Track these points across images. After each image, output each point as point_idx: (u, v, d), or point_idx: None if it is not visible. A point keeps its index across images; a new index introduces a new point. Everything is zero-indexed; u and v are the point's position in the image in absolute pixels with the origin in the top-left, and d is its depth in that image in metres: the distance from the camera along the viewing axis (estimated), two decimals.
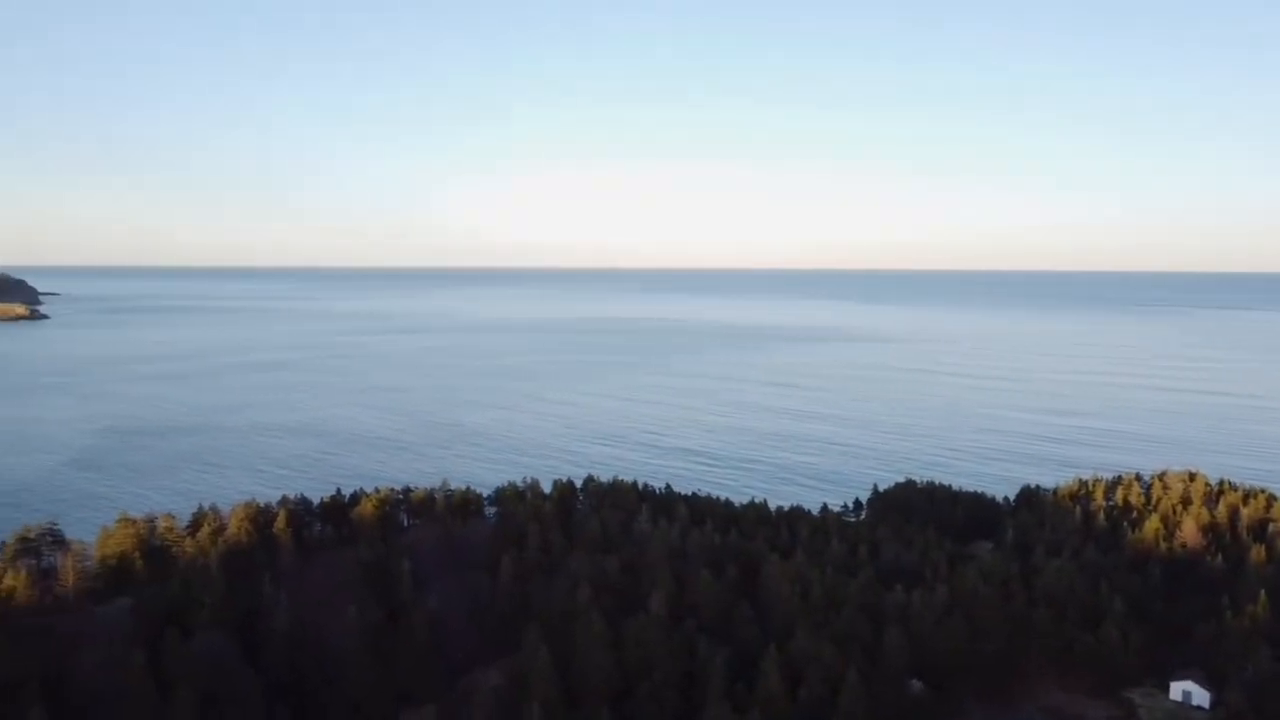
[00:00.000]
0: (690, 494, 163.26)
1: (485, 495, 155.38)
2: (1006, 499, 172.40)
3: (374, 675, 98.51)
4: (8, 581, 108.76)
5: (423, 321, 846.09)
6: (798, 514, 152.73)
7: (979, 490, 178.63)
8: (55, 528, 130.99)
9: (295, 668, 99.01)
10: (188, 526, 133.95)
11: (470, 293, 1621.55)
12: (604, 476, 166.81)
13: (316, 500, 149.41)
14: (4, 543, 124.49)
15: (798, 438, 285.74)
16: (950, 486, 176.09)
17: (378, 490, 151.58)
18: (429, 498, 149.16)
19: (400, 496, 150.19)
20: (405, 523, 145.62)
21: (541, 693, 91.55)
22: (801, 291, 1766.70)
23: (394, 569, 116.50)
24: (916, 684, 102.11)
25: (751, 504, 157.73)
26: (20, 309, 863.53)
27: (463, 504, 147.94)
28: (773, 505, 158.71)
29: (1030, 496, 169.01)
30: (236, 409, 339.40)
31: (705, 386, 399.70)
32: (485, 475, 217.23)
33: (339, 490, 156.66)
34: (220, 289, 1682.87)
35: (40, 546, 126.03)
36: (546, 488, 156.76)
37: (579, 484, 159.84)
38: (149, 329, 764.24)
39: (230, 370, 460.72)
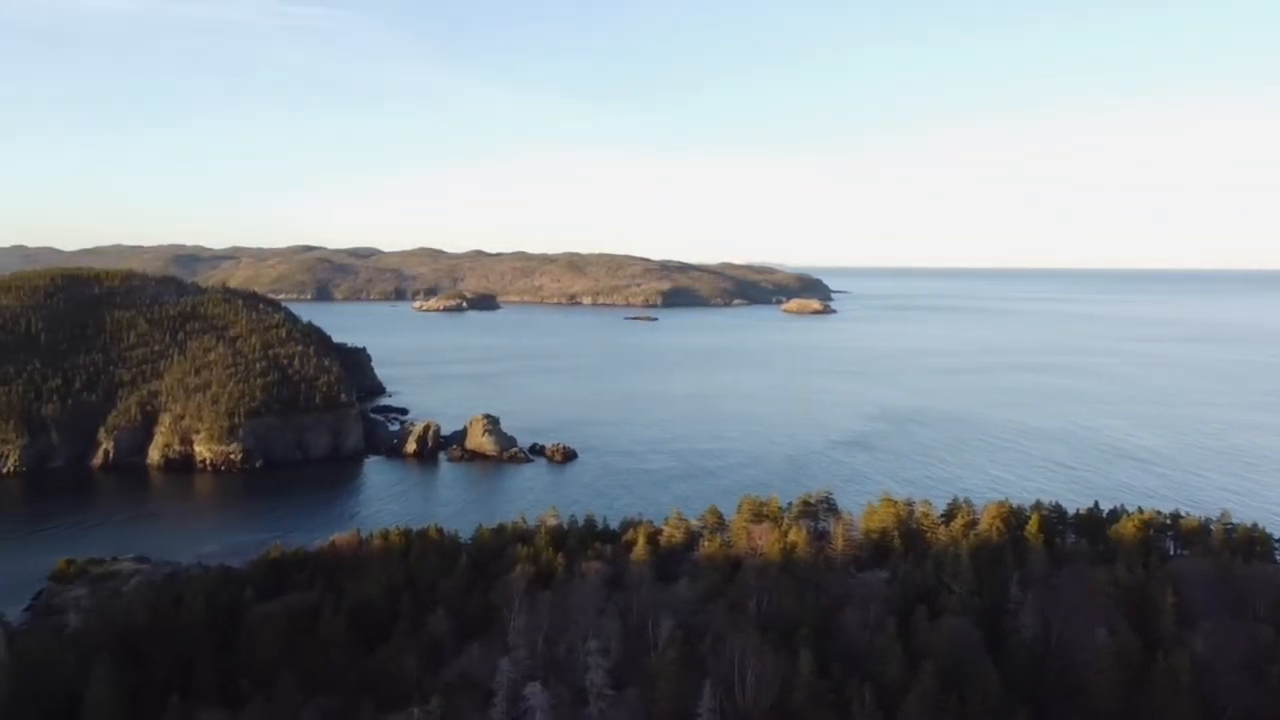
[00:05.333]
0: None
1: (1277, 538, 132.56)
2: None
3: (1122, 705, 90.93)
4: (791, 536, 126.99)
5: (1193, 330, 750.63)
6: None
7: None
8: (830, 497, 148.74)
9: (1036, 674, 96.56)
10: (942, 515, 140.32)
11: (1231, 300, 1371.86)
12: None
13: (1071, 510, 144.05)
14: (791, 504, 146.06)
15: None
16: None
17: (1140, 510, 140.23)
18: (1203, 528, 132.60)
19: (1167, 522, 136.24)
20: (1171, 551, 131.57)
21: None
22: None
23: (1154, 598, 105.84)
24: None
25: None
26: (816, 304, 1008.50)
27: (1247, 541, 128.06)
28: None
29: None
30: (993, 407, 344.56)
31: None
32: (1275, 513, 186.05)
33: (1096, 504, 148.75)
34: (984, 289, 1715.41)
35: (818, 512, 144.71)
36: None
37: None
38: (914, 325, 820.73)
39: (992, 369, 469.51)
